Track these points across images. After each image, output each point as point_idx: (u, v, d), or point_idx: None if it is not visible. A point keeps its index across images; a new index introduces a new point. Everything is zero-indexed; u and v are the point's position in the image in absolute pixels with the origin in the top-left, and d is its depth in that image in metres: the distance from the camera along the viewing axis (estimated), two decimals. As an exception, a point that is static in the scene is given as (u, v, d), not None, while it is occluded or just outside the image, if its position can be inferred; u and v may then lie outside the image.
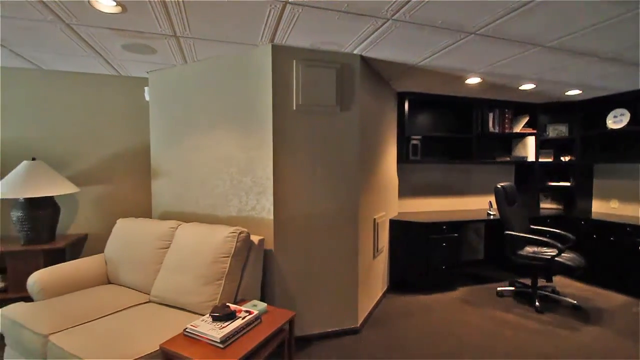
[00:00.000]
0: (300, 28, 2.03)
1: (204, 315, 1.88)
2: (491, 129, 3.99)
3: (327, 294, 2.51)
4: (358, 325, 2.60)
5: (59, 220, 2.78)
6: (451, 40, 2.21)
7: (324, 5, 1.76)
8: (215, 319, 1.67)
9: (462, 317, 2.87)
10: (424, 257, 3.37)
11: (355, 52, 2.43)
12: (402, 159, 3.67)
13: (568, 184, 4.09)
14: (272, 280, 2.38)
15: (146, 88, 3.03)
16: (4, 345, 1.98)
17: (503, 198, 3.21)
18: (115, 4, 1.76)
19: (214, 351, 1.50)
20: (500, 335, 2.57)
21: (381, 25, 1.99)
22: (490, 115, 3.99)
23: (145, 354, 1.54)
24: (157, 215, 2.97)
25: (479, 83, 3.25)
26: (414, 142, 3.70)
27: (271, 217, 2.34)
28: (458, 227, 3.48)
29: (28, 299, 2.30)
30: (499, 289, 3.41)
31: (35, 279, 2.15)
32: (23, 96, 2.90)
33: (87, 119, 3.05)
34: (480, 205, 4.36)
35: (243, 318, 1.70)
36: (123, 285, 2.36)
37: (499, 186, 3.24)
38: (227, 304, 1.79)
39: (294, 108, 2.34)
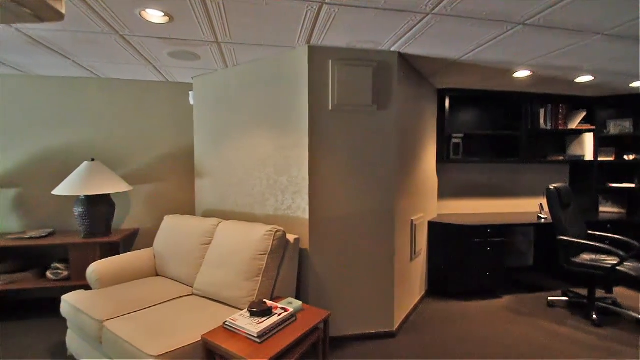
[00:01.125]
0: (337, 28, 2.03)
1: (242, 310, 1.94)
2: (542, 125, 3.70)
3: (362, 295, 2.48)
4: (394, 329, 2.54)
5: (114, 216, 3.03)
6: (497, 33, 2.08)
7: (361, 3, 1.74)
8: (252, 314, 1.72)
9: (508, 327, 2.69)
10: (466, 262, 3.21)
11: (392, 49, 2.38)
12: (442, 158, 3.52)
13: (632, 185, 3.68)
14: (306, 279, 2.40)
15: (191, 93, 3.21)
16: (67, 328, 2.20)
17: (556, 200, 2.96)
18: (163, 14, 1.88)
19: (251, 345, 1.54)
20: (551, 348, 2.37)
21: (420, 21, 1.92)
22: (542, 111, 3.70)
23: (189, 343, 1.62)
24: (200, 212, 3.12)
25: (528, 76, 3.03)
26: (456, 140, 3.53)
27: (306, 216, 2.36)
28: (504, 231, 3.27)
29: (87, 287, 2.53)
30: (550, 298, 3.15)
31: (93, 269, 2.36)
32: (84, 103, 3.20)
33: (138, 123, 3.29)
34: (529, 207, 4.06)
35: (279, 315, 1.73)
36: (169, 278, 2.51)
37: (551, 187, 2.99)
38: (264, 300, 1.84)
39: (330, 108, 2.34)
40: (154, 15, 1.89)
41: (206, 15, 1.88)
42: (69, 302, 2.09)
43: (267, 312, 1.73)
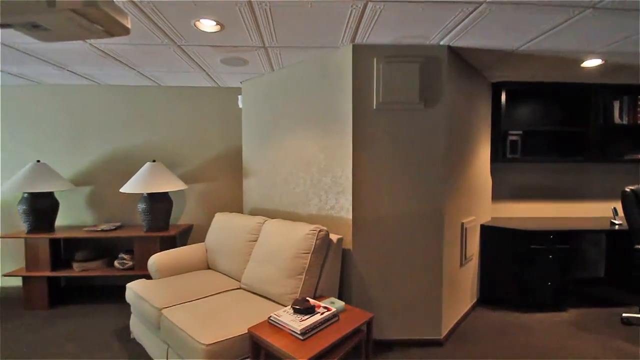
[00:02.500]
0: (382, 25, 1.99)
1: (286, 306, 1.99)
2: (617, 120, 3.28)
3: (407, 299, 2.40)
4: (442, 337, 2.42)
5: (171, 212, 3.28)
6: (562, 18, 1.88)
7: (407, -3, 1.69)
8: (296, 311, 1.75)
9: (573, 344, 2.42)
10: (523, 270, 2.95)
11: (441, 43, 2.27)
12: (497, 157, 3.28)
13: None
14: (349, 280, 2.38)
15: (239, 96, 3.36)
16: (130, 313, 2.43)
17: (634, 204, 2.60)
18: (215, 23, 1.99)
19: (294, 342, 1.57)
20: (629, 373, 2.09)
21: (473, 11, 1.81)
22: (616, 104, 3.28)
23: (237, 335, 1.70)
24: (248, 210, 3.26)
25: (599, 65, 2.71)
26: (513, 138, 3.27)
27: (350, 216, 2.35)
28: (569, 237, 2.95)
29: (148, 276, 2.78)
30: (625, 315, 2.77)
31: (154, 261, 2.57)
32: (146, 109, 3.51)
33: (192, 126, 3.53)
34: (599, 212, 3.63)
35: (322, 314, 1.74)
36: (219, 272, 2.65)
37: (628, 190, 2.64)
38: (307, 298, 1.86)
39: (374, 107, 2.30)
40: (207, 25, 2.01)
41: (254, 21, 1.96)
42: (133, 289, 2.31)
43: (310, 311, 1.75)
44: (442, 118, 2.35)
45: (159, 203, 3.09)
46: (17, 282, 3.48)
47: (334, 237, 2.21)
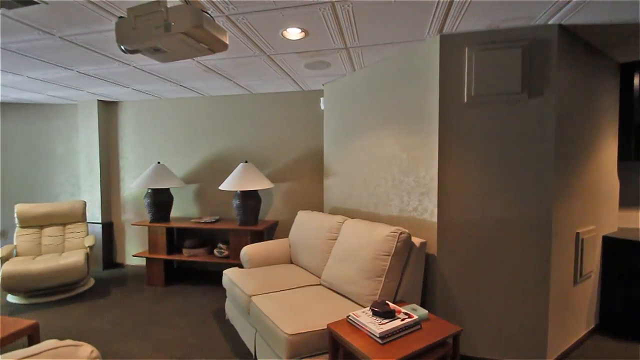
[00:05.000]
0: (475, 10, 1.80)
1: (364, 307, 1.96)
2: None
3: (504, 316, 2.13)
4: (546, 364, 2.07)
5: (260, 209, 3.57)
6: None
7: (505, -26, 1.49)
8: (375, 313, 1.71)
9: None
10: (666, 297, 2.33)
11: (550, 22, 1.95)
12: (627, 155, 2.67)
13: None
14: (434, 287, 2.23)
15: (321, 98, 3.47)
16: (225, 297, 2.72)
17: None
18: (300, 30, 2.09)
19: (372, 344, 1.54)
20: None
21: (593, -21, 1.51)
22: None
23: (317, 329, 1.75)
24: (328, 209, 3.34)
25: None
26: (649, 131, 2.62)
27: (434, 219, 2.19)
28: None
29: (240, 265, 3.07)
30: None
31: (246, 252, 2.83)
32: (240, 115, 3.89)
33: (279, 129, 3.78)
34: None
35: (402, 319, 1.66)
36: (301, 267, 2.78)
37: None
38: (387, 301, 1.80)
39: (465, 100, 2.11)
40: (293, 33, 2.13)
41: (336, 24, 1.99)
42: (228, 275, 2.58)
43: (390, 315, 1.69)
44: (550, 109, 2.01)
45: (249, 200, 3.40)
46: (142, 261, 4.24)
47: (416, 240, 2.10)
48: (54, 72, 2.92)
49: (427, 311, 1.82)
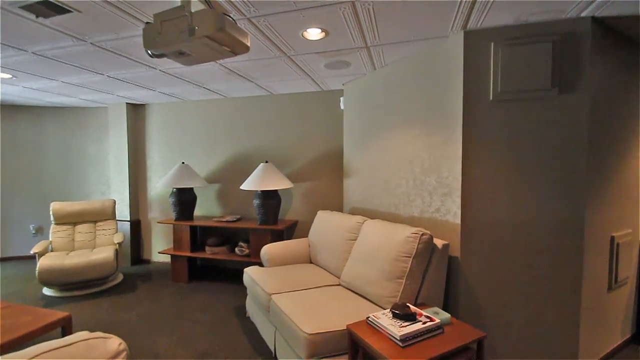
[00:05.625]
0: (501, 4, 1.74)
1: (384, 309, 1.94)
2: None
3: (531, 322, 2.04)
4: (578, 374, 1.97)
5: (280, 208, 3.60)
6: None
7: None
8: (395, 315, 1.69)
9: None
10: None
11: (583, 14, 1.86)
12: (667, 154, 2.49)
13: None
14: (456, 291, 2.17)
15: (341, 98, 3.46)
16: (246, 294, 2.76)
17: None
18: (320, 31, 2.09)
19: (393, 347, 1.52)
20: None
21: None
22: None
23: (336, 329, 1.75)
24: (348, 209, 3.32)
25: None
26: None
27: (458, 221, 2.14)
28: None
29: (260, 264, 3.12)
30: None
31: (266, 251, 2.87)
32: (260, 115, 3.94)
33: (299, 129, 3.80)
34: None
35: (424, 323, 1.63)
36: (320, 266, 2.78)
37: None
38: (407, 304, 1.77)
39: (491, 98, 2.04)
40: (313, 33, 2.13)
41: (357, 23, 1.98)
42: (249, 274, 2.62)
43: (411, 317, 1.66)
44: (582, 105, 1.91)
45: (270, 199, 3.43)
46: (167, 258, 4.38)
47: (438, 242, 2.05)
48: (86, 76, 3.08)
49: (449, 315, 1.78)
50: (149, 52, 1.58)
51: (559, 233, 1.97)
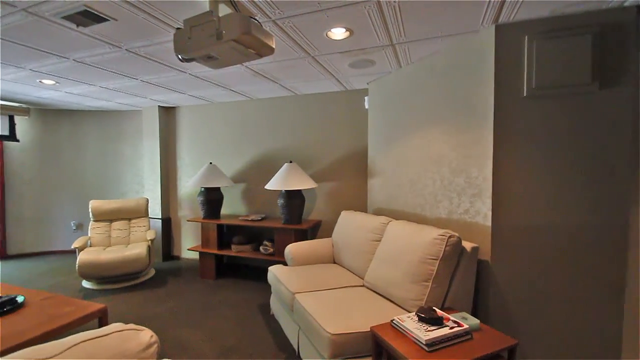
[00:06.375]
0: (535, -5, 1.66)
1: (409, 312, 1.90)
2: None
3: (568, 333, 1.92)
4: (622, 390, 1.83)
5: (304, 208, 3.62)
6: None
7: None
8: (421, 319, 1.65)
9: None
10: None
11: (626, 4, 1.72)
12: None
13: None
14: (486, 296, 2.08)
15: (366, 97, 3.42)
16: (271, 292, 2.80)
17: None
18: (344, 30, 2.08)
19: (418, 351, 1.48)
20: None
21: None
22: None
23: (360, 331, 1.73)
24: (372, 210, 3.28)
25: None
26: None
27: (488, 223, 2.05)
28: None
29: (284, 263, 3.15)
30: None
31: (290, 250, 2.89)
32: (284, 116, 3.98)
33: (322, 129, 3.81)
34: None
35: (451, 328, 1.58)
36: (344, 267, 2.77)
37: None
38: (434, 308, 1.72)
39: (524, 94, 1.94)
40: (337, 33, 2.12)
41: (382, 21, 1.95)
42: (273, 272, 2.66)
43: (438, 322, 1.62)
44: (626, 99, 1.78)
45: (294, 199, 3.46)
46: (195, 255, 4.53)
47: (467, 245, 1.98)
48: (121, 81, 3.25)
49: (478, 321, 1.71)
50: (180, 56, 1.65)
51: (601, 238, 1.85)
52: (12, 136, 4.47)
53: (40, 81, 3.23)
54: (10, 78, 3.13)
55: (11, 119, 4.49)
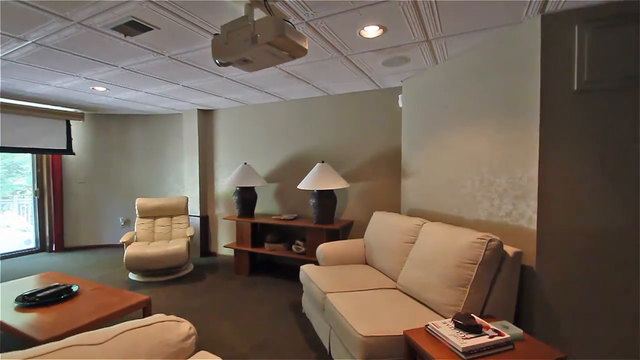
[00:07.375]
0: (588, -21, 1.52)
1: (444, 317, 1.82)
2: None
3: (625, 339, 1.75)
4: (692, 417, 1.63)
5: (336, 208, 3.62)
6: None
7: None
8: (457, 326, 1.58)
9: None
10: None
11: (701, -18, 1.53)
12: None
13: None
14: (530, 304, 1.95)
15: (400, 96, 3.35)
16: (302, 291, 2.83)
17: None
18: (378, 27, 2.05)
19: (454, 359, 1.42)
20: None
21: None
22: None
23: (392, 334, 1.69)
24: (405, 211, 3.20)
25: None
26: None
27: (533, 227, 1.92)
28: None
29: (316, 262, 3.16)
30: None
31: (321, 249, 2.90)
32: (317, 116, 4.00)
33: (355, 128, 3.78)
34: None
35: (490, 337, 1.50)
36: (376, 268, 2.72)
37: None
38: (472, 315, 1.64)
39: (575, 88, 1.79)
40: (371, 31, 2.10)
41: (417, 16, 1.89)
42: (305, 271, 2.68)
43: (476, 330, 1.54)
44: (700, 93, 1.58)
45: (326, 199, 3.47)
46: (230, 252, 4.69)
47: (509, 249, 1.87)
48: (164, 87, 3.44)
49: (521, 330, 1.61)
50: (217, 61, 1.71)
51: (666, 245, 1.66)
52: (69, 150, 4.96)
53: (93, 88, 3.51)
54: (67, 86, 3.43)
55: (68, 131, 4.93)
